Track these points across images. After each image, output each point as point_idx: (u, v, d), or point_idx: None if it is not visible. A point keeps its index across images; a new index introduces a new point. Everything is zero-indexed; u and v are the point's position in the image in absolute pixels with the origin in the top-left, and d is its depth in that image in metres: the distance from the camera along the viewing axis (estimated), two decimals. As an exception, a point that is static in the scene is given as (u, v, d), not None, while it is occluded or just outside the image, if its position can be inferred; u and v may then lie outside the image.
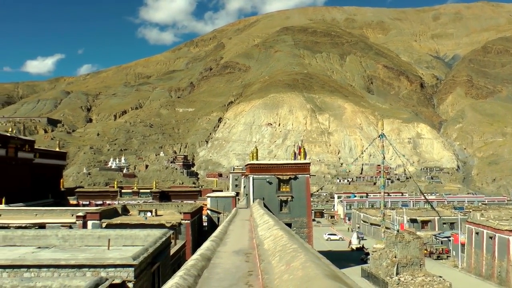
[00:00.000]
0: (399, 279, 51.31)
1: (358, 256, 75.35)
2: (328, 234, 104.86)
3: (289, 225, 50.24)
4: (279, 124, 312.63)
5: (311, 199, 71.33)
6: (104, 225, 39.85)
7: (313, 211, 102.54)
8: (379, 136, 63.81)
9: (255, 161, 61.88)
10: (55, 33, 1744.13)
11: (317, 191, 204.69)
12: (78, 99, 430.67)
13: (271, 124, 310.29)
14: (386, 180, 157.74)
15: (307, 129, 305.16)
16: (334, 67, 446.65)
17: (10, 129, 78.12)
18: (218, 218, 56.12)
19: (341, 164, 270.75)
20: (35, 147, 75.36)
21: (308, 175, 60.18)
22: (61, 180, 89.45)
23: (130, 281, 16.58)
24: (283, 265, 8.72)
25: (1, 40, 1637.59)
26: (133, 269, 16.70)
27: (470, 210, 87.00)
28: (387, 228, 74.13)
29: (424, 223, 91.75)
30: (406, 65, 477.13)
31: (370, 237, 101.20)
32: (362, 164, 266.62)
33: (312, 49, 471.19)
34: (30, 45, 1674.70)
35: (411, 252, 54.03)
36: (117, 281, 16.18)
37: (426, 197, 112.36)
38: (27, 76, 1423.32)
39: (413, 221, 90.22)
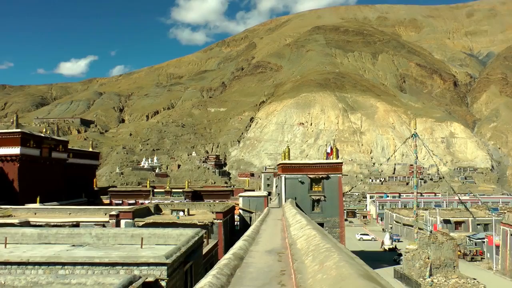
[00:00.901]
0: (432, 281, 50.65)
1: (390, 257, 74.69)
2: (361, 234, 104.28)
3: (321, 224, 50.03)
4: (311, 123, 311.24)
5: (343, 199, 70.99)
6: (137, 224, 40.13)
7: (345, 211, 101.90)
8: (411, 136, 63.02)
9: (287, 161, 61.80)
10: (88, 35, 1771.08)
11: (349, 190, 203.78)
12: (110, 100, 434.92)
13: (303, 124, 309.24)
14: (419, 180, 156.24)
15: (339, 128, 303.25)
16: (366, 66, 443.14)
17: (44, 130, 79.33)
18: (250, 218, 56.14)
19: (373, 163, 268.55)
20: (69, 147, 76.41)
21: (340, 175, 59.89)
22: (94, 179, 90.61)
23: (163, 280, 16.62)
24: (317, 265, 8.63)
25: (35, 43, 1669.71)
26: (166, 267, 16.73)
27: (505, 211, 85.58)
28: (420, 229, 73.30)
29: (458, 224, 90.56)
30: (439, 63, 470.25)
31: (403, 237, 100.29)
32: (395, 164, 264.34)
33: (344, 48, 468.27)
34: (64, 47, 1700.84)
35: (444, 254, 53.36)
36: (150, 279, 16.23)
37: (460, 197, 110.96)
38: (61, 78, 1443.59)
39: (446, 222, 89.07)
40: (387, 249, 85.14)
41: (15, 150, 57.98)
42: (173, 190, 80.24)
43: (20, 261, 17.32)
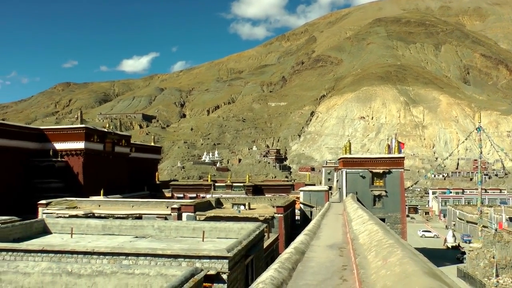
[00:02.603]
0: (497, 282, 49.23)
1: (453, 255, 73.19)
2: (423, 231, 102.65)
3: (382, 220, 49.38)
4: (372, 117, 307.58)
5: (405, 194, 69.98)
6: (198, 217, 40.48)
7: (406, 207, 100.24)
8: (476, 129, 61.69)
9: (348, 155, 61.31)
10: (150, 33, 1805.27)
11: (411, 186, 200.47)
12: (171, 95, 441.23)
13: (363, 118, 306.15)
14: (483, 176, 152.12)
15: (400, 122, 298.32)
16: (429, 58, 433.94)
17: (107, 125, 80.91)
18: (311, 212, 55.89)
19: (436, 158, 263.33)
20: (131, 142, 77.85)
21: (402, 170, 58.99)
22: (156, 173, 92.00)
23: (224, 273, 16.68)
24: (380, 261, 8.48)
25: (99, 41, 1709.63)
26: (227, 261, 16.79)
27: None
28: (484, 226, 71.57)
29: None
30: (505, 53, 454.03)
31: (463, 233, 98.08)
32: (458, 159, 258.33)
33: (406, 40, 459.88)
34: (127, 45, 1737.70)
35: (510, 253, 51.77)
36: (211, 272, 16.31)
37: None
38: (123, 75, 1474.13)
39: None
40: (450, 247, 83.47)
41: (80, 145, 59.45)
42: (234, 184, 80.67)
43: (85, 251, 17.73)
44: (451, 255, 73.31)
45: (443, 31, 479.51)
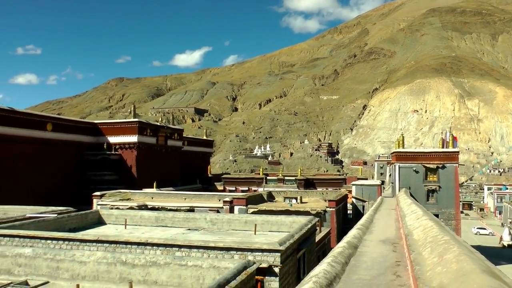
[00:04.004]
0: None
1: (510, 254, 71.48)
2: (477, 228, 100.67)
3: (435, 216, 48.64)
4: (426, 110, 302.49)
5: (459, 190, 68.79)
6: (250, 211, 40.62)
7: (461, 203, 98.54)
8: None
9: (401, 149, 60.61)
10: (203, 27, 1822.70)
11: (466, 181, 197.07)
12: (223, 89, 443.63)
13: (417, 111, 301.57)
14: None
15: (455, 115, 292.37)
16: (485, 48, 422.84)
17: (160, 119, 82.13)
18: (363, 207, 55.52)
19: (492, 153, 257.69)
20: (184, 135, 78.77)
21: (457, 165, 57.89)
22: (209, 166, 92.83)
23: (276, 266, 16.67)
24: (435, 257, 8.29)
25: (152, 37, 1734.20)
26: (279, 254, 16.77)
27: None
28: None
29: None
30: None
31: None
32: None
33: (461, 30, 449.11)
34: (179, 40, 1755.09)
35: None
36: (263, 265, 16.32)
37: None
38: (175, 69, 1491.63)
39: None
40: (506, 245, 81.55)
41: (133, 138, 60.55)
42: (286, 177, 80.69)
43: (139, 242, 17.98)
44: (507, 254, 71.59)
45: (500, 20, 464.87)
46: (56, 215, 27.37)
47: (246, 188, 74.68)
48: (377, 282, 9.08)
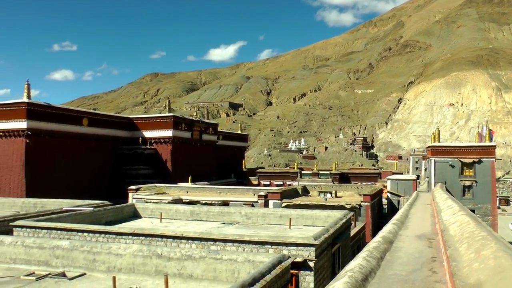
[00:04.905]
0: None
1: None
2: None
3: (472, 211, 48.02)
4: (462, 104, 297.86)
5: (496, 185, 67.69)
6: (284, 205, 40.61)
7: (497, 198, 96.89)
8: None
9: (436, 143, 59.80)
10: (238, 22, 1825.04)
11: (503, 176, 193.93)
12: (258, 83, 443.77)
13: (453, 105, 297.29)
14: None
15: (491, 109, 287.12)
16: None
17: (194, 114, 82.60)
18: (398, 202, 55.14)
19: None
20: (218, 130, 79.17)
21: (494, 159, 56.91)
22: (243, 160, 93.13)
23: (311, 260, 16.65)
24: (472, 253, 8.18)
25: (186, 32, 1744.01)
26: (314, 248, 16.74)
27: None
28: None
29: None
30: None
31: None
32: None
33: (499, 21, 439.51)
34: (214, 34, 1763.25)
35: None
36: (298, 259, 16.32)
37: None
38: (210, 64, 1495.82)
39: None
40: None
41: (168, 133, 61.16)
42: (321, 172, 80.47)
43: (175, 235, 18.16)
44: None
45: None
46: (92, 208, 27.81)
47: (281, 182, 74.70)
48: (412, 278, 9.02)
